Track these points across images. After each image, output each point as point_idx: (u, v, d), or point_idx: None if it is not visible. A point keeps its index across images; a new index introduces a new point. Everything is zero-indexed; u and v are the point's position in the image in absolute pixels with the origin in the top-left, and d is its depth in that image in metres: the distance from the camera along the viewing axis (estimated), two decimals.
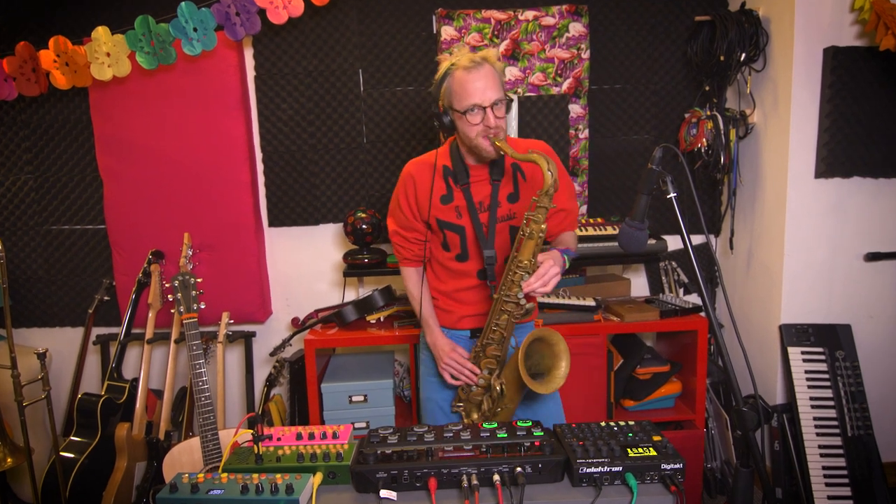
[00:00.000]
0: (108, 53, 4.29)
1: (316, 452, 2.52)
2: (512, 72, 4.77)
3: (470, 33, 4.73)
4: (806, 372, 4.36)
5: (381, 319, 4.77)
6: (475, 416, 3.21)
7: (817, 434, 4.23)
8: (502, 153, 2.94)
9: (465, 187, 3.13)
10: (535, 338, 2.90)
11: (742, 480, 2.40)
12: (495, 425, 2.65)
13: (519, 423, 2.65)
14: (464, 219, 3.17)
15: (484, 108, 2.88)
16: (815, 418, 4.26)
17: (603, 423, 2.68)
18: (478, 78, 2.88)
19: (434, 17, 4.84)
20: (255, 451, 2.52)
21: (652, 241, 4.60)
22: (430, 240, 3.34)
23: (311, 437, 2.68)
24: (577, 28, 4.74)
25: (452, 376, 3.23)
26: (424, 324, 3.39)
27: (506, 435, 2.56)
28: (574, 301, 4.53)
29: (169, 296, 3.83)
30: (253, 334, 5.17)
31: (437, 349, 3.30)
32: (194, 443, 3.94)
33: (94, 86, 4.55)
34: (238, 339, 5.13)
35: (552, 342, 2.94)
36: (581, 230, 4.61)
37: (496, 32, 4.73)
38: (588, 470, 2.37)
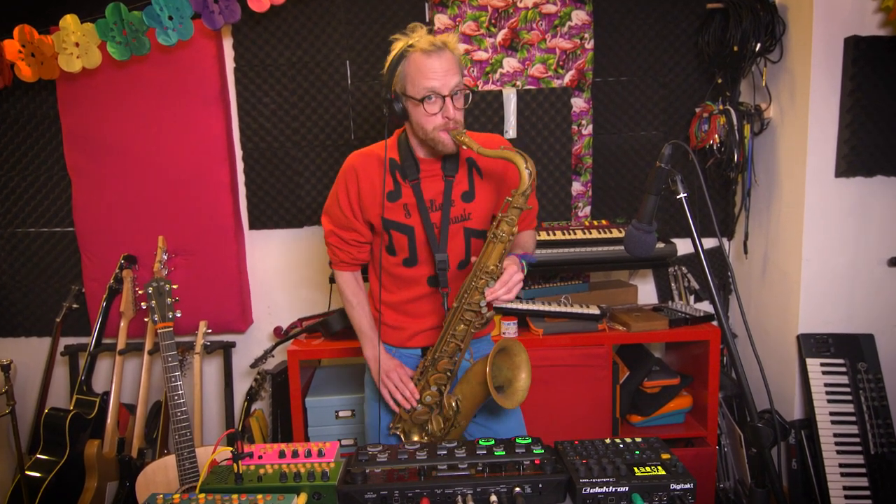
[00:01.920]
0: (76, 43, 4.29)
1: (300, 471, 2.51)
2: (511, 63, 4.77)
3: (465, 21, 4.73)
4: (826, 385, 4.35)
5: None
6: (415, 438, 3.17)
7: (838, 452, 4.23)
8: (465, 149, 2.91)
9: (414, 183, 3.05)
10: (501, 348, 2.91)
11: (757, 502, 2.40)
12: (492, 442, 2.64)
13: (518, 440, 2.64)
14: (413, 218, 3.08)
15: (443, 97, 2.82)
16: (835, 434, 4.26)
17: (608, 440, 2.67)
18: (437, 62, 2.80)
19: (427, 5, 4.86)
20: (235, 470, 2.51)
21: (660, 245, 4.59)
22: (371, 242, 3.26)
23: (295, 454, 2.66)
24: (580, 16, 4.75)
25: (392, 397, 3.17)
26: (363, 337, 3.30)
27: (504, 452, 2.55)
28: (577, 309, 4.52)
29: (142, 303, 3.81)
30: (232, 345, 5.17)
31: (376, 364, 3.23)
32: (169, 461, 3.93)
33: (61, 78, 4.56)
34: (216, 350, 5.12)
35: (513, 352, 2.95)
36: (585, 233, 4.61)
37: (493, 21, 4.74)
38: (592, 490, 2.37)
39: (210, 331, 4.83)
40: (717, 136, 4.68)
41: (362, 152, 3.15)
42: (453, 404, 3.02)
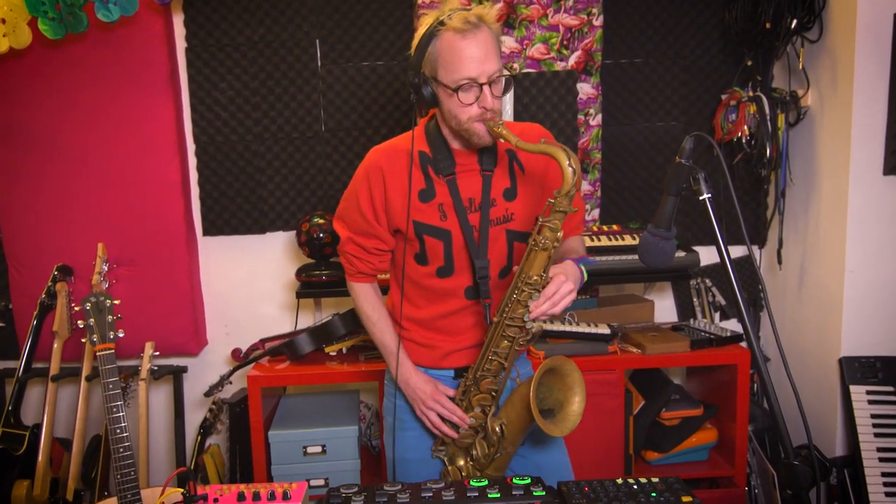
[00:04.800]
0: (2, 20, 4.27)
1: None
2: (507, 43, 4.75)
3: None
4: (872, 416, 4.34)
5: (344, 351, 4.74)
6: (461, 462, 3.17)
7: (887, 494, 4.22)
8: (503, 142, 2.86)
9: (450, 179, 3.02)
10: (548, 368, 2.87)
11: None
12: (485, 483, 2.62)
13: (515, 481, 2.62)
14: (449, 220, 3.04)
15: (480, 85, 2.78)
16: (883, 473, 4.25)
17: (620, 481, 2.68)
18: (474, 44, 2.75)
19: None
20: None
21: (681, 254, 4.60)
22: (395, 250, 3.24)
23: (256, 497, 2.67)
24: None
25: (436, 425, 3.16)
26: (389, 356, 3.27)
27: (499, 495, 2.55)
28: (584, 328, 4.51)
29: (79, 322, 3.80)
30: (184, 370, 5.14)
31: (412, 389, 3.19)
32: None
33: None
34: (165, 376, 5.08)
35: (564, 372, 2.94)
36: (592, 240, 4.62)
37: None
38: None
39: (158, 353, 4.83)
40: (746, 127, 4.69)
41: (386, 147, 3.12)
42: (497, 429, 3.01)
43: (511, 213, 3.09)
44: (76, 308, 4.36)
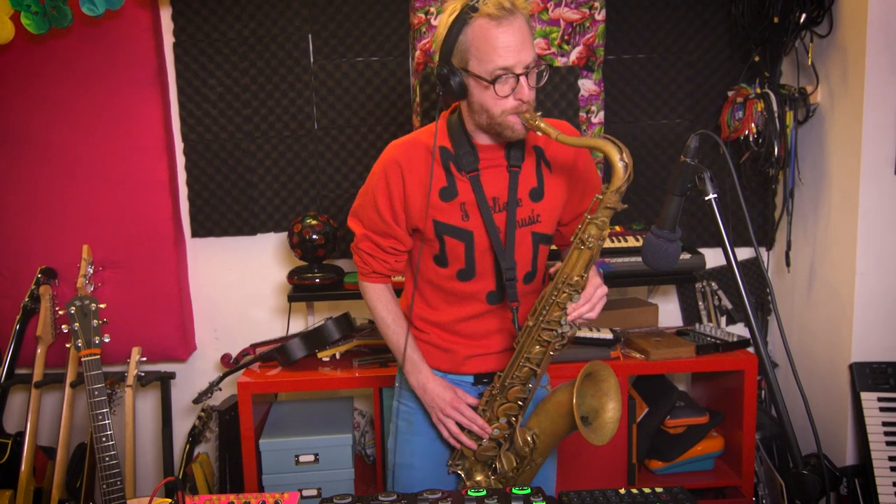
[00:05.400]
0: None
1: None
2: None
3: None
4: (884, 424, 4.33)
5: (337, 356, 4.74)
6: (479, 477, 3.15)
7: None
8: (538, 135, 2.80)
9: (473, 176, 2.95)
10: (587, 373, 2.88)
11: None
12: (484, 493, 2.62)
13: (514, 491, 2.61)
14: (472, 221, 2.98)
15: (517, 76, 2.69)
16: (895, 483, 4.23)
17: (623, 491, 2.68)
18: (510, 32, 2.64)
19: None
20: None
21: (686, 256, 4.61)
22: (411, 249, 3.20)
23: None
24: None
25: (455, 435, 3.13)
26: (408, 360, 3.19)
27: None
28: (585, 333, 4.50)
29: (63, 326, 3.77)
30: (172, 376, 5.09)
31: (430, 396, 3.14)
32: None
33: None
34: (153, 382, 5.03)
35: (600, 377, 2.93)
36: None
37: None
38: None
39: (145, 359, 4.77)
40: (753, 125, 4.68)
41: (405, 142, 3.06)
42: (529, 440, 2.99)
43: (537, 215, 3.04)
44: (60, 312, 4.33)
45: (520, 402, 3.01)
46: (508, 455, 3.06)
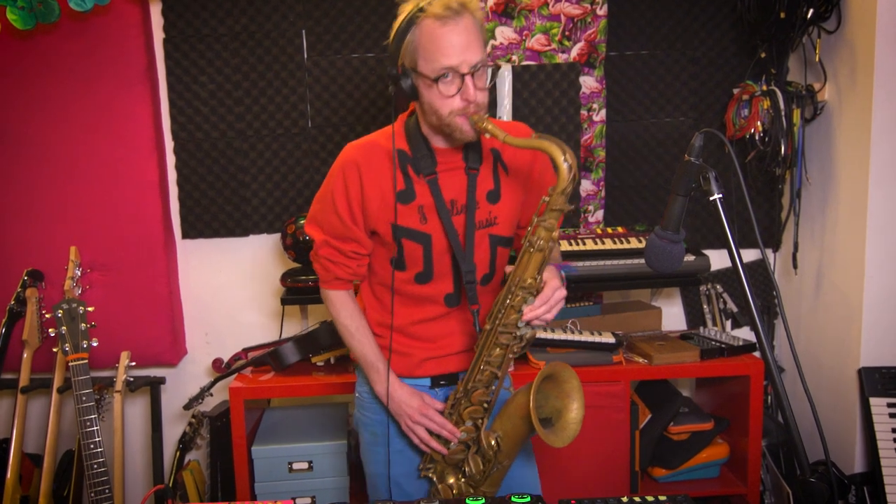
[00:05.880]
0: None
1: None
2: (505, 33, 4.75)
3: None
4: (894, 430, 4.33)
5: (332, 361, 4.73)
6: (451, 480, 3.16)
7: None
8: (489, 137, 2.83)
9: (431, 179, 3.01)
10: (546, 375, 2.86)
11: None
12: (482, 501, 2.60)
13: (514, 499, 2.61)
14: (430, 224, 3.04)
15: (462, 75, 2.76)
16: None
17: (625, 499, 2.68)
18: (455, 31, 2.73)
19: None
20: None
21: (690, 258, 4.60)
22: (371, 253, 3.23)
23: None
24: None
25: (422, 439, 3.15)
26: (370, 369, 3.23)
27: None
28: (586, 337, 4.50)
29: (50, 330, 3.79)
30: (162, 381, 5.09)
31: (396, 403, 3.17)
32: None
33: None
34: (142, 388, 5.04)
35: (561, 378, 2.94)
36: (596, 243, 4.63)
37: None
38: None
39: (134, 364, 4.77)
40: (759, 123, 4.68)
41: (362, 143, 3.10)
42: (493, 443, 3.01)
43: (494, 217, 3.10)
44: (47, 315, 4.35)
45: (484, 405, 3.06)
46: (476, 458, 3.09)
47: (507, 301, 2.84)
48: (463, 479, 3.13)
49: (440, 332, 3.18)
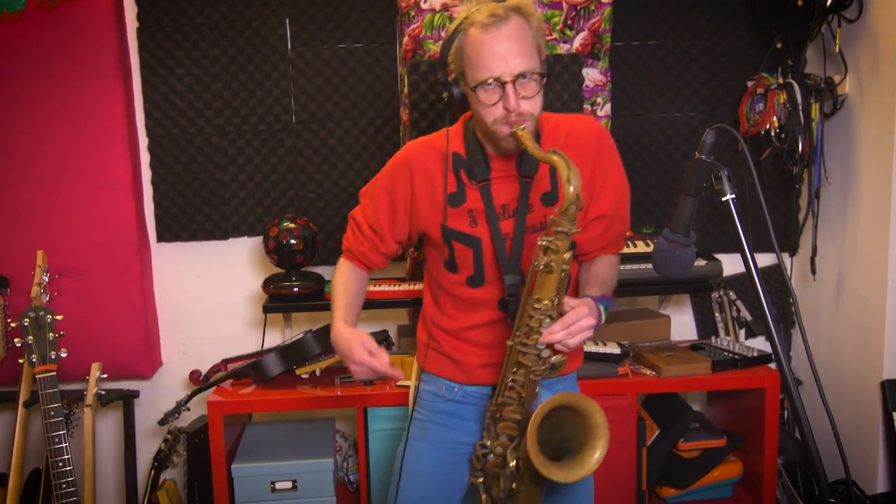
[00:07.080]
0: None
1: None
2: None
3: None
4: None
5: (318, 373, 4.72)
6: (494, 492, 3.15)
7: None
8: (523, 147, 2.85)
9: (484, 185, 3.05)
10: (559, 405, 2.82)
11: None
12: None
13: None
14: (479, 227, 3.09)
15: (503, 84, 2.77)
16: None
17: None
18: (498, 40, 2.74)
19: None
20: None
21: (701, 263, 4.59)
22: (394, 256, 3.33)
23: None
24: None
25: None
26: (335, 304, 3.25)
27: None
28: (590, 347, 4.49)
29: (16, 340, 3.75)
30: (135, 394, 5.08)
31: (339, 345, 3.13)
32: None
33: None
34: (114, 402, 5.03)
35: (586, 412, 2.87)
36: None
37: None
38: None
39: (106, 376, 4.75)
40: (775, 118, 4.68)
41: (420, 142, 3.21)
42: (513, 464, 2.99)
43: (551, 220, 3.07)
44: (13, 324, 4.35)
45: (518, 422, 3.03)
46: (506, 474, 3.07)
47: (525, 321, 2.85)
48: (502, 494, 3.12)
49: (496, 339, 3.17)
